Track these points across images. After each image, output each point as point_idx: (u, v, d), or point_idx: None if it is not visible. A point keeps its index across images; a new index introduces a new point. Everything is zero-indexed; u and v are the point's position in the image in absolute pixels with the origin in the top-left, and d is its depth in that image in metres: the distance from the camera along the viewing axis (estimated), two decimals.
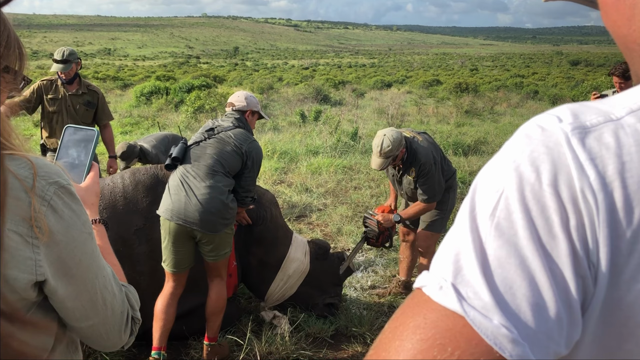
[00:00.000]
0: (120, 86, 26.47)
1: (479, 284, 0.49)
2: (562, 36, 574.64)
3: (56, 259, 0.85)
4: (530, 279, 0.48)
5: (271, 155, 8.92)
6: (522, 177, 0.51)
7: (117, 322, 1.01)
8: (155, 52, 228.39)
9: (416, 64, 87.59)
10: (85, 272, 0.91)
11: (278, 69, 64.80)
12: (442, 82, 29.26)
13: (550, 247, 0.49)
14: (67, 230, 0.86)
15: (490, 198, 0.53)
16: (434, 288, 0.51)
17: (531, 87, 24.18)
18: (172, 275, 3.21)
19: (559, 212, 0.49)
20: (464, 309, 0.48)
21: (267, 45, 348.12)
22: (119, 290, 1.02)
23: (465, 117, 14.26)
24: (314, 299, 3.96)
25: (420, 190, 3.83)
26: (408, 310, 0.52)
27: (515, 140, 0.55)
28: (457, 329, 0.48)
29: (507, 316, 0.47)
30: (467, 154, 9.63)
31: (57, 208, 0.85)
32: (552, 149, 0.51)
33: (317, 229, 5.90)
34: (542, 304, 0.48)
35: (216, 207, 3.06)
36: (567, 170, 0.50)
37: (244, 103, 3.43)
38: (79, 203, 0.90)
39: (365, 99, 21.08)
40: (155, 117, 13.94)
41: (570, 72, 45.19)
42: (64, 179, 0.88)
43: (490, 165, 0.56)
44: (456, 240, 0.53)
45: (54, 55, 4.80)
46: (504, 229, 0.50)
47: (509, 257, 0.49)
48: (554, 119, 0.54)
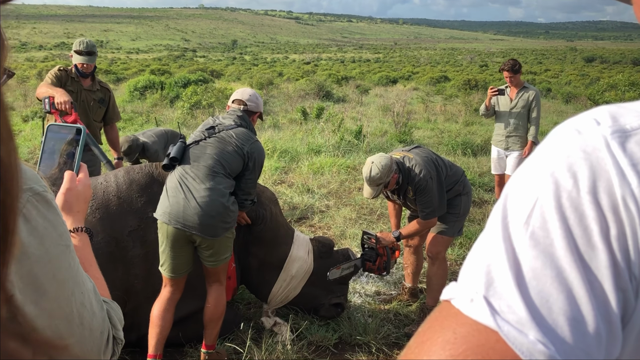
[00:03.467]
0: (113, 80, 26.50)
1: (513, 297, 0.48)
2: (577, 31, 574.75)
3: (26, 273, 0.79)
4: (567, 292, 0.48)
5: (271, 154, 8.92)
6: (558, 183, 0.51)
7: (96, 343, 0.96)
8: (149, 44, 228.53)
9: (423, 60, 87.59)
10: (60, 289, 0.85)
11: (278, 64, 64.83)
12: (450, 78, 29.27)
13: (589, 258, 0.48)
14: (40, 242, 0.81)
15: (524, 205, 0.52)
16: (464, 301, 0.50)
17: (544, 85, 24.15)
18: (170, 280, 3.21)
19: (599, 221, 0.49)
20: (498, 323, 0.47)
21: (267, 38, 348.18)
22: (100, 307, 0.97)
23: (475, 115, 14.22)
24: (320, 299, 3.95)
25: (419, 207, 3.82)
26: (436, 324, 0.51)
27: (550, 145, 0.54)
28: (490, 344, 0.47)
29: (543, 331, 0.47)
30: (476, 154, 9.63)
31: (30, 217, 0.80)
32: (590, 154, 0.51)
33: (319, 232, 5.90)
34: (580, 318, 0.47)
35: (217, 210, 3.05)
36: (607, 176, 0.49)
37: (255, 103, 3.44)
38: (55, 212, 0.85)
39: (370, 96, 21.09)
40: (150, 113, 13.96)
41: (585, 69, 45.17)
42: (40, 185, 0.83)
43: (522, 171, 0.55)
44: (487, 249, 0.52)
45: (75, 46, 4.66)
46: (539, 239, 0.50)
47: (545, 268, 0.49)
48: (591, 121, 0.53)
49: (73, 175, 1.18)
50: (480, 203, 7.01)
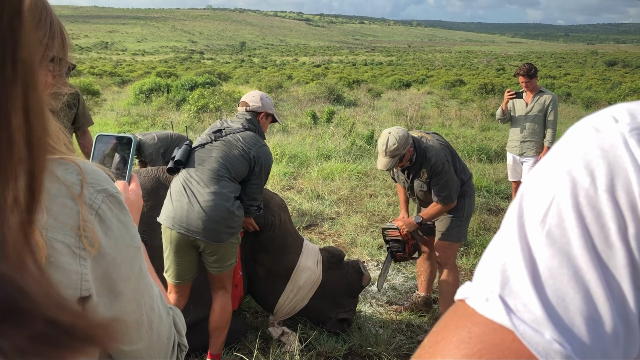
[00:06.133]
0: (118, 83, 26.69)
1: (529, 296, 0.49)
2: (598, 34, 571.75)
3: (102, 274, 0.81)
4: (584, 291, 0.48)
5: (280, 159, 8.93)
6: (575, 181, 0.51)
7: (163, 349, 0.97)
8: (155, 46, 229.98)
9: (438, 63, 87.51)
10: (133, 291, 0.87)
11: (288, 66, 64.98)
12: (466, 82, 29.22)
13: (606, 256, 0.49)
14: (115, 243, 0.83)
15: (540, 204, 0.52)
16: (479, 300, 0.51)
17: (563, 89, 24.06)
18: (175, 286, 3.22)
19: (616, 220, 0.49)
20: (513, 322, 0.48)
21: (276, 40, 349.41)
22: (166, 313, 0.98)
23: (491, 120, 14.18)
24: (327, 312, 3.94)
25: (435, 190, 3.83)
26: (451, 323, 0.52)
27: (567, 142, 0.55)
28: (506, 344, 0.48)
29: (559, 331, 0.47)
30: (492, 161, 9.60)
31: (105, 218, 0.82)
32: (607, 151, 0.51)
33: (329, 239, 5.90)
34: (598, 318, 0.48)
35: (221, 215, 3.05)
36: (625, 174, 0.50)
37: (259, 104, 3.43)
38: (127, 214, 0.87)
39: (382, 100, 21.11)
40: (156, 116, 14.04)
41: (606, 74, 44.96)
42: (113, 187, 0.85)
43: (539, 169, 0.56)
44: (502, 248, 0.53)
45: None
46: (556, 237, 0.50)
47: (562, 267, 0.49)
48: (609, 119, 0.54)
49: (125, 184, 1.19)
50: (496, 211, 6.98)
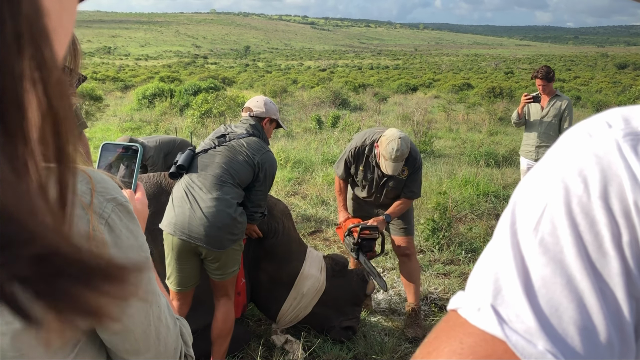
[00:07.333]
0: (121, 88, 26.80)
1: (522, 306, 0.48)
2: (608, 36, 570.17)
3: None
4: (578, 300, 0.48)
5: (284, 164, 8.95)
6: (568, 188, 0.51)
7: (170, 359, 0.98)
8: (159, 51, 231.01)
9: (445, 66, 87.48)
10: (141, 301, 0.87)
11: (293, 71, 65.13)
12: (474, 86, 29.19)
13: (600, 265, 0.49)
14: (124, 252, 0.83)
15: (532, 211, 0.52)
16: (471, 310, 0.51)
17: (573, 93, 23.99)
18: (177, 294, 3.22)
19: (610, 227, 0.49)
20: (506, 333, 0.48)
21: (281, 44, 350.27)
22: (174, 323, 0.99)
23: (499, 124, 14.18)
24: (330, 320, 3.93)
25: (410, 186, 4.02)
26: (442, 334, 0.52)
27: (560, 148, 0.55)
28: (498, 354, 0.47)
29: (553, 341, 0.47)
30: (500, 166, 9.57)
31: (114, 227, 0.82)
32: (601, 157, 0.51)
33: (333, 246, 5.89)
34: (592, 327, 0.47)
35: (223, 221, 3.05)
36: (619, 180, 0.49)
37: (262, 109, 3.44)
38: (136, 223, 0.88)
39: (388, 104, 21.08)
40: (159, 122, 14.08)
41: (617, 77, 44.79)
42: (122, 196, 0.86)
43: (531, 176, 0.55)
44: (495, 257, 0.52)
45: None
46: (549, 245, 0.50)
47: (555, 276, 0.49)
48: (603, 124, 0.53)
49: (132, 194, 1.20)
50: None
